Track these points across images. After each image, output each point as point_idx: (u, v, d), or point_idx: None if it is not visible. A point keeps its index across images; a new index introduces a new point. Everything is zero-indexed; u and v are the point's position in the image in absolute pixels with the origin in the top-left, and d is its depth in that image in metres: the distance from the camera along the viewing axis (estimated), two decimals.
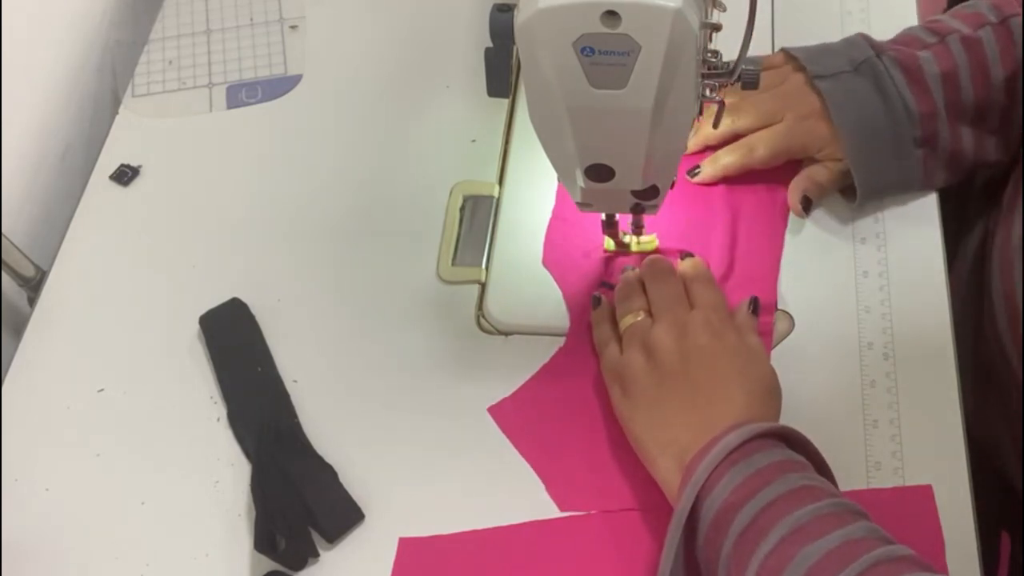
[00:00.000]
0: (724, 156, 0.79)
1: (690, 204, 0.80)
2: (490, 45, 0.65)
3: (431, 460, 0.72)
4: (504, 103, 0.88)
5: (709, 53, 0.64)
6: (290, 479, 0.71)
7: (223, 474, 0.73)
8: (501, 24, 0.62)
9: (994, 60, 0.75)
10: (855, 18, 0.88)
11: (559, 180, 0.70)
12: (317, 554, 0.69)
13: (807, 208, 0.78)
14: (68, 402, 0.77)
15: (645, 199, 0.69)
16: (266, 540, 0.68)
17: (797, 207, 0.78)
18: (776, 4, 0.90)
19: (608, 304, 0.75)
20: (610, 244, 0.78)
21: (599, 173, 0.66)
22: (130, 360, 0.78)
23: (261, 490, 0.70)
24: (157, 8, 0.99)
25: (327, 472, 0.71)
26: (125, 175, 0.88)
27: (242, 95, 0.92)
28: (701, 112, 0.69)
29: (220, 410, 0.75)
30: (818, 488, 0.60)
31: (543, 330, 0.77)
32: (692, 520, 0.61)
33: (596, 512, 0.69)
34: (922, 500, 0.67)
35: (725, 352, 0.67)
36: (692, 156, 0.81)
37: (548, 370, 0.75)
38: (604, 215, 0.75)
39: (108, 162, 0.89)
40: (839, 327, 0.74)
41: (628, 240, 0.78)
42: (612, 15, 0.55)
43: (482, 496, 0.70)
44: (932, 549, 0.65)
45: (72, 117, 0.95)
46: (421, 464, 0.72)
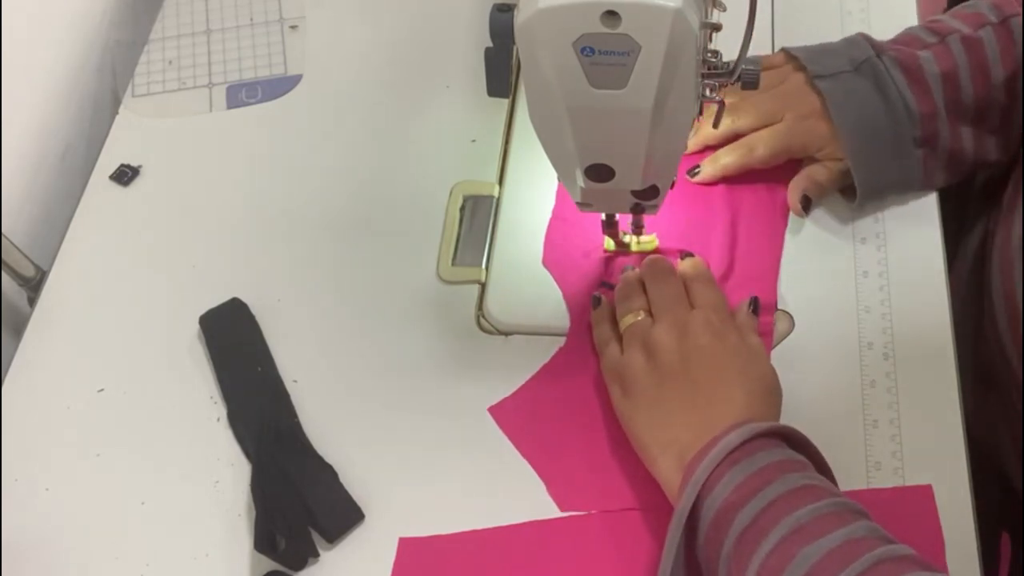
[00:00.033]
0: (724, 156, 0.79)
1: (690, 204, 0.80)
2: (490, 45, 0.65)
3: (431, 460, 0.72)
4: (504, 103, 0.88)
5: (709, 53, 0.64)
6: (290, 479, 0.71)
7: (223, 474, 0.73)
8: (501, 24, 0.62)
9: (994, 60, 0.75)
10: (855, 18, 0.88)
11: (559, 180, 0.70)
12: (317, 554, 0.69)
13: (807, 207, 0.78)
14: (68, 402, 0.77)
15: (645, 199, 0.69)
16: (266, 540, 0.68)
17: (797, 206, 0.78)
18: (776, 4, 0.90)
19: (608, 304, 0.75)
20: (610, 244, 0.78)
21: (599, 173, 0.66)
22: (130, 360, 0.78)
23: (261, 490, 0.70)
24: (157, 8, 0.99)
25: (327, 472, 0.71)
26: (125, 175, 0.88)
27: (242, 95, 0.92)
28: (701, 112, 0.69)
29: (220, 410, 0.75)
30: (819, 488, 0.60)
31: (543, 330, 0.77)
32: (693, 519, 0.61)
33: (596, 512, 0.69)
34: (922, 500, 0.67)
35: (726, 352, 0.68)
36: (692, 156, 0.81)
37: (548, 370, 0.75)
38: (604, 215, 0.75)
39: (108, 162, 0.88)
40: (839, 327, 0.74)
41: (628, 240, 0.78)
42: (612, 15, 0.55)
43: (482, 496, 0.70)
44: (932, 549, 0.65)
45: (72, 117, 0.95)
46: (421, 464, 0.72)
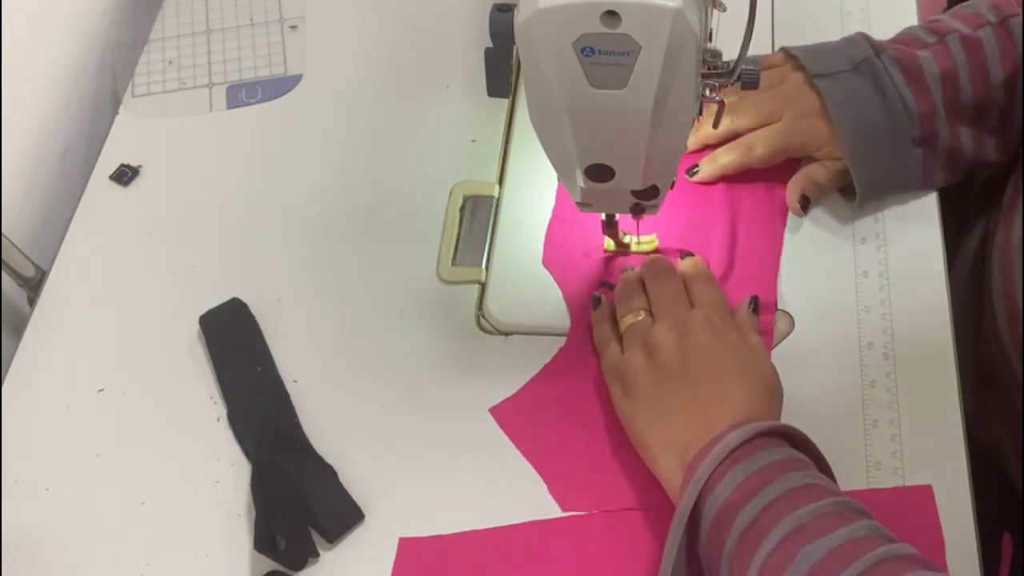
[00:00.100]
0: (723, 155, 0.79)
1: (689, 203, 0.80)
2: (490, 45, 0.65)
3: (431, 460, 0.72)
4: (504, 103, 0.88)
5: (709, 53, 0.64)
6: (290, 479, 0.71)
7: (223, 474, 0.73)
8: (501, 24, 0.62)
9: (993, 60, 0.75)
10: (855, 18, 0.88)
11: (559, 180, 0.70)
12: (317, 554, 0.69)
13: (805, 207, 0.78)
14: (68, 402, 0.77)
15: (645, 199, 0.69)
16: (266, 540, 0.68)
17: (795, 206, 0.78)
18: (776, 4, 0.90)
19: (608, 304, 0.75)
20: (610, 244, 0.78)
21: (599, 173, 0.66)
22: (130, 360, 0.78)
23: (261, 490, 0.70)
24: (157, 8, 0.99)
25: (327, 472, 0.71)
26: (125, 175, 0.88)
27: (242, 95, 0.92)
28: (701, 112, 0.69)
29: (220, 410, 0.75)
30: (820, 487, 0.60)
31: (543, 330, 0.77)
32: (694, 519, 0.61)
33: (596, 512, 0.69)
34: (922, 500, 0.67)
35: (726, 351, 0.68)
36: (691, 155, 0.81)
37: (549, 370, 0.75)
38: (604, 215, 0.75)
39: (108, 162, 0.88)
40: (839, 327, 0.74)
41: (628, 240, 0.78)
42: (612, 15, 0.55)
43: (482, 496, 0.70)
44: (932, 549, 0.65)
45: (72, 117, 0.95)
46: (421, 464, 0.72)
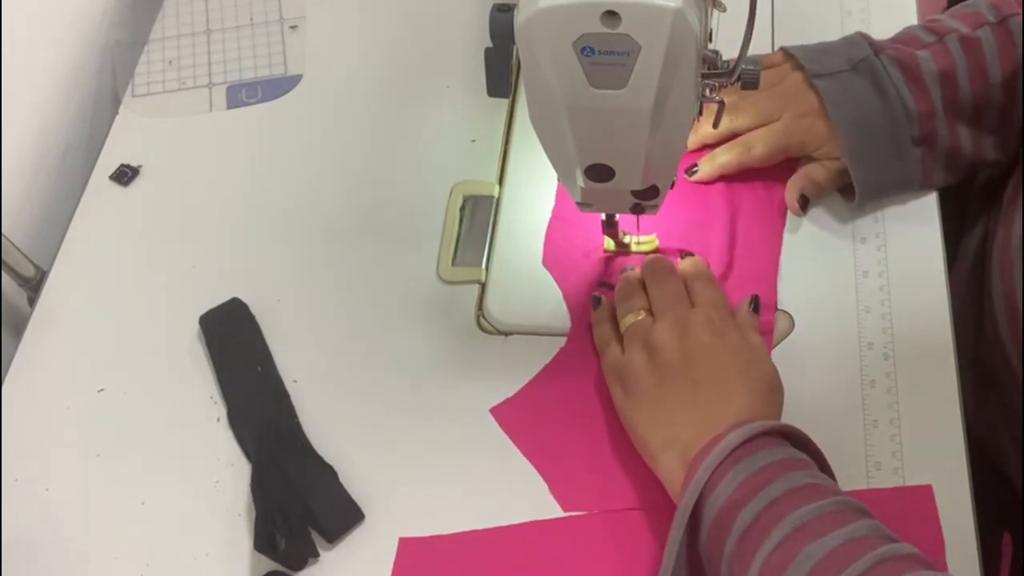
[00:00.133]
0: (722, 154, 0.79)
1: (689, 203, 0.80)
2: (490, 45, 0.65)
3: (431, 460, 0.72)
4: (504, 103, 0.88)
5: (709, 53, 0.64)
6: (290, 479, 0.71)
7: (223, 474, 0.73)
8: (501, 24, 0.62)
9: (992, 60, 0.75)
10: (855, 18, 0.88)
11: (559, 180, 0.70)
12: (317, 554, 0.69)
13: (804, 207, 0.78)
14: (68, 402, 0.77)
15: (645, 199, 0.69)
16: (266, 540, 0.68)
17: (794, 205, 0.78)
18: (776, 4, 0.90)
19: (608, 304, 0.75)
20: (610, 244, 0.78)
21: (599, 173, 0.66)
22: (130, 360, 0.78)
23: (261, 490, 0.70)
24: (157, 8, 0.99)
25: (327, 472, 0.71)
26: (125, 175, 0.88)
27: (242, 95, 0.92)
28: (701, 112, 0.69)
29: (220, 410, 0.75)
30: (821, 486, 0.60)
31: (543, 330, 0.77)
32: (695, 518, 0.61)
33: (596, 512, 0.69)
34: (922, 500, 0.67)
35: (727, 350, 0.68)
36: (690, 154, 0.81)
37: (549, 371, 0.75)
38: (604, 215, 0.75)
39: (108, 162, 0.88)
40: (839, 327, 0.74)
41: (628, 240, 0.78)
42: (612, 15, 0.55)
43: (482, 496, 0.70)
44: (932, 549, 0.65)
45: (72, 117, 0.95)
46: (421, 464, 0.72)
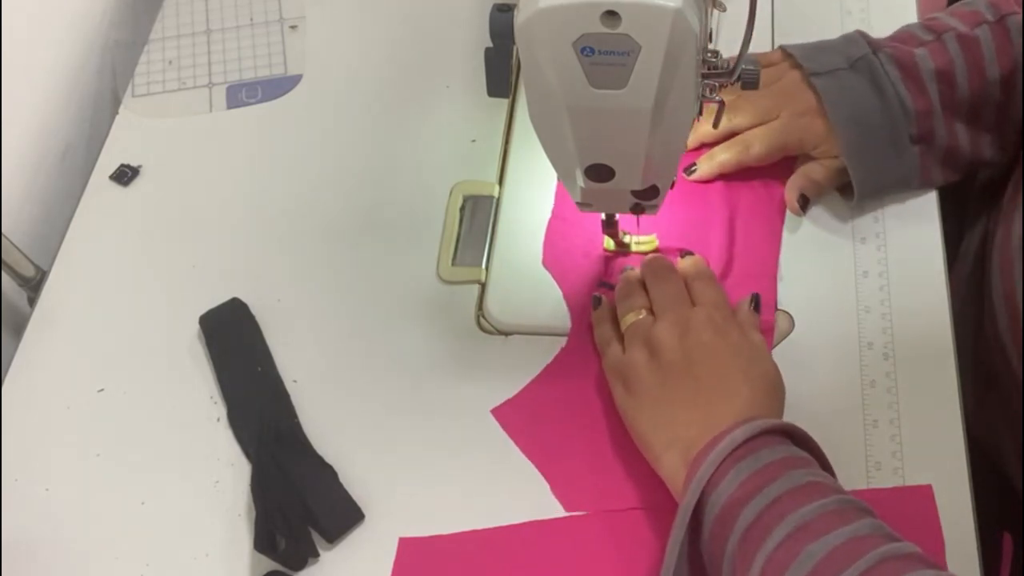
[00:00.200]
0: (720, 153, 0.79)
1: (688, 202, 0.80)
2: (490, 45, 0.65)
3: (431, 460, 0.72)
4: (504, 103, 0.88)
5: (709, 53, 0.64)
6: (290, 479, 0.71)
7: (223, 474, 0.73)
8: (501, 24, 0.62)
9: (990, 58, 0.75)
10: (855, 18, 0.88)
11: (559, 180, 0.70)
12: (317, 554, 0.69)
13: (804, 206, 0.78)
14: (68, 402, 0.77)
15: (645, 199, 0.69)
16: (266, 540, 0.68)
17: (794, 205, 0.78)
18: (776, 4, 0.90)
19: (608, 304, 0.75)
20: (610, 244, 0.78)
21: (599, 173, 0.66)
22: (130, 360, 0.78)
23: (261, 490, 0.70)
24: (157, 8, 0.99)
25: (327, 472, 0.71)
26: (125, 175, 0.88)
27: (242, 95, 0.92)
28: (701, 112, 0.69)
29: (220, 410, 0.75)
30: (823, 485, 0.60)
31: (543, 330, 0.77)
32: (697, 516, 0.61)
33: (597, 512, 0.69)
34: (922, 500, 0.67)
35: (728, 349, 0.68)
36: (688, 153, 0.81)
37: (550, 371, 0.75)
38: (604, 215, 0.75)
39: (108, 162, 0.88)
40: (839, 327, 0.74)
41: (628, 240, 0.78)
42: (612, 15, 0.55)
43: (482, 496, 0.70)
44: (932, 549, 0.65)
45: (72, 117, 0.95)
46: (421, 464, 0.72)
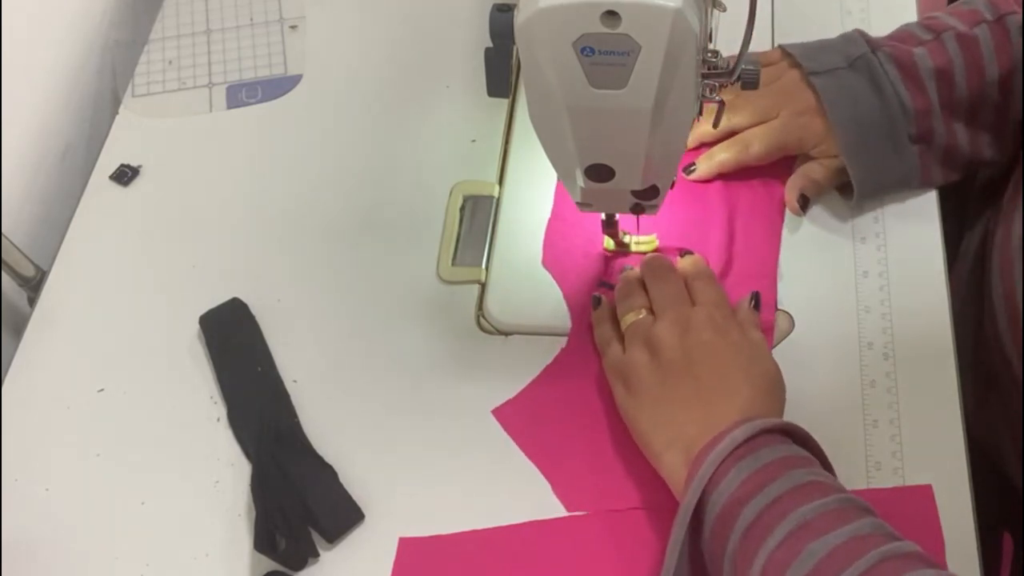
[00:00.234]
0: (719, 152, 0.79)
1: (687, 201, 0.80)
2: (490, 45, 0.65)
3: (431, 460, 0.72)
4: (504, 103, 0.88)
5: (709, 53, 0.64)
6: (290, 479, 0.71)
7: (223, 474, 0.73)
8: (501, 24, 0.62)
9: (989, 57, 0.75)
10: (855, 18, 0.88)
11: (559, 180, 0.70)
12: (317, 554, 0.69)
13: (805, 206, 0.78)
14: (68, 402, 0.77)
15: (645, 199, 0.69)
16: (266, 540, 0.68)
17: (795, 205, 0.78)
18: (776, 4, 0.90)
19: (608, 304, 0.75)
20: (610, 244, 0.78)
21: (599, 173, 0.66)
22: (130, 360, 0.78)
23: (261, 490, 0.70)
24: (157, 8, 0.99)
25: (327, 472, 0.71)
26: (125, 175, 0.88)
27: (242, 95, 0.92)
28: (701, 112, 0.69)
29: (220, 410, 0.75)
30: (824, 484, 0.60)
31: (543, 330, 0.77)
32: (698, 515, 0.61)
33: (597, 512, 0.69)
34: (922, 500, 0.67)
35: (729, 347, 0.68)
36: (688, 153, 0.81)
37: (550, 371, 0.75)
38: (604, 215, 0.75)
39: (108, 162, 0.88)
40: (839, 327, 0.74)
41: (628, 240, 0.78)
42: (612, 15, 0.55)
43: (482, 496, 0.70)
44: (932, 549, 0.65)
45: (72, 117, 0.95)
46: (421, 464, 0.72)
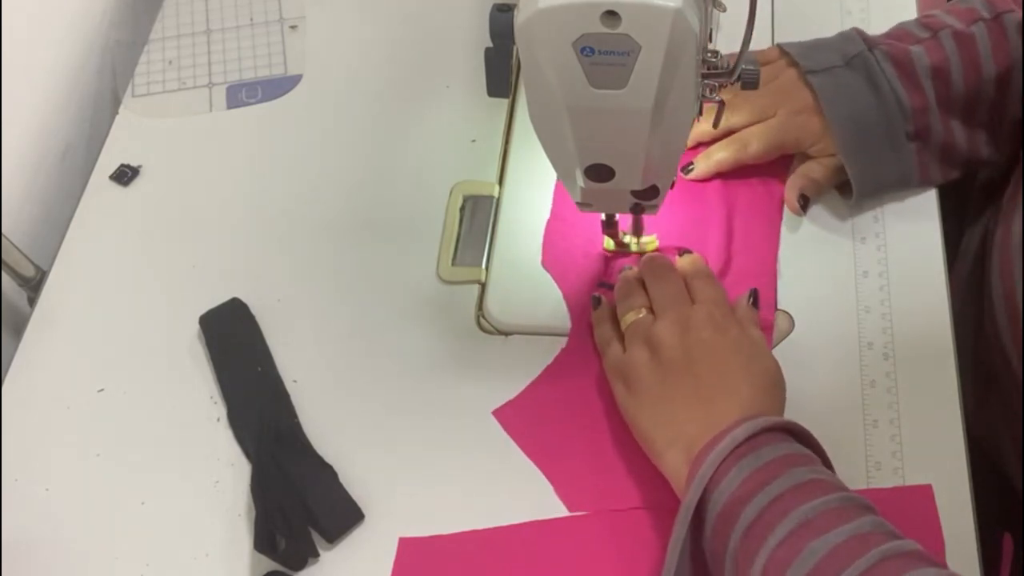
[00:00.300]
0: (717, 152, 0.79)
1: (685, 201, 0.80)
2: (490, 45, 0.65)
3: (431, 460, 0.72)
4: (504, 103, 0.88)
5: (709, 53, 0.64)
6: (290, 479, 0.71)
7: (223, 474, 0.73)
8: (501, 24, 0.62)
9: (986, 56, 0.75)
10: (855, 18, 0.88)
11: (559, 180, 0.70)
12: (317, 554, 0.69)
13: (805, 206, 0.78)
14: (68, 402, 0.77)
15: (645, 199, 0.69)
16: (266, 540, 0.68)
17: (795, 205, 0.78)
18: (776, 4, 0.90)
19: (608, 304, 0.75)
20: (610, 244, 0.78)
21: (599, 173, 0.66)
22: (130, 360, 0.78)
23: (261, 490, 0.70)
24: (157, 8, 0.99)
25: (327, 472, 0.71)
26: (125, 175, 0.88)
27: (242, 95, 0.92)
28: (701, 112, 0.69)
29: (220, 410, 0.75)
30: (825, 482, 0.60)
31: (543, 330, 0.77)
32: (699, 514, 0.61)
33: (598, 512, 0.69)
34: (922, 500, 0.67)
35: (729, 346, 0.68)
36: (686, 152, 0.80)
37: (551, 372, 0.75)
38: (604, 215, 0.75)
39: (108, 162, 0.88)
40: (839, 327, 0.74)
41: (628, 240, 0.78)
42: (612, 15, 0.55)
43: (482, 496, 0.70)
44: (932, 549, 0.64)
45: (72, 117, 0.95)
46: (421, 464, 0.72)
